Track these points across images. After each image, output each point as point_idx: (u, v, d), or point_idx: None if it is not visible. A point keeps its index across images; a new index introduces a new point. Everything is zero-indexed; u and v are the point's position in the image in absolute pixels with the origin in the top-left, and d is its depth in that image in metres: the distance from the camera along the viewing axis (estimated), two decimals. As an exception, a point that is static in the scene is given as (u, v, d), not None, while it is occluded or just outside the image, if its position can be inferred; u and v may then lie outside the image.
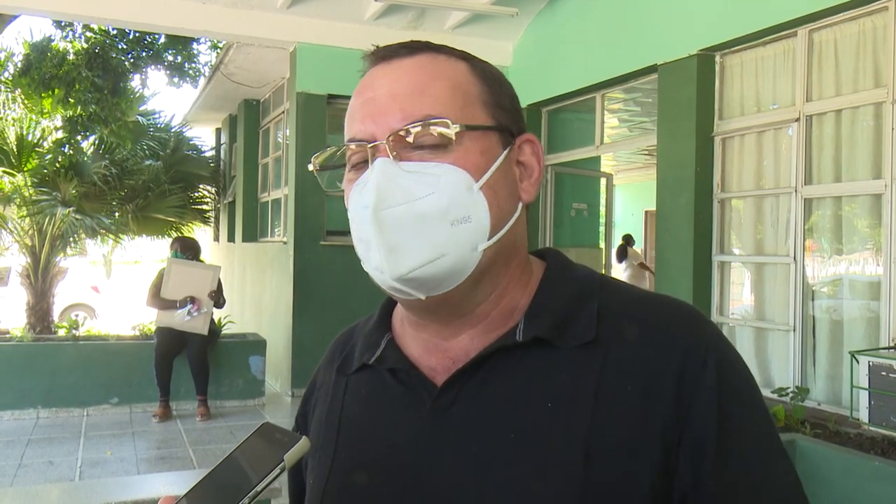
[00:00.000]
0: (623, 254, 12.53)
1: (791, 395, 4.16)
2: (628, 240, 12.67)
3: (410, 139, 0.76)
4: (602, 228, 8.36)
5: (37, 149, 9.24)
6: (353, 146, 0.79)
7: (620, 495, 0.72)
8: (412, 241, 0.74)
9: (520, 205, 0.82)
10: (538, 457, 0.73)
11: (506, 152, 0.80)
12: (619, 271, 12.45)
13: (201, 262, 7.07)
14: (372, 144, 0.76)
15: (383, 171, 0.75)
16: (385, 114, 0.77)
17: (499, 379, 0.78)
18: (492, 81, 0.82)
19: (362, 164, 0.78)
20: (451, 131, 0.75)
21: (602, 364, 0.76)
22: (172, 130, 11.64)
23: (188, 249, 6.91)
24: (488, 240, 0.76)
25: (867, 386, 3.81)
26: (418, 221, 0.74)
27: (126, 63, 10.18)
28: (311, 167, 0.84)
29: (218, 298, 6.64)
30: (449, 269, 0.75)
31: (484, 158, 0.77)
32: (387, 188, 0.74)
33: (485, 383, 0.78)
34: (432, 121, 0.75)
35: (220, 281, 6.77)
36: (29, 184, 8.81)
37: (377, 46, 0.84)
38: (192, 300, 6.48)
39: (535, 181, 0.83)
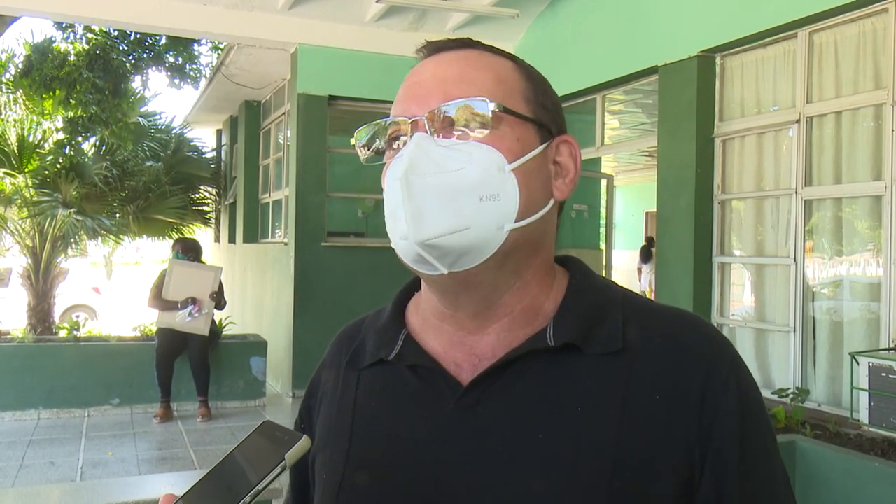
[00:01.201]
0: (647, 255, 12.73)
1: (791, 396, 4.17)
2: (651, 241, 12.85)
3: (449, 117, 0.78)
4: (602, 230, 8.36)
5: (38, 150, 9.25)
6: (394, 125, 0.81)
7: None
8: (439, 210, 0.75)
9: (552, 201, 0.83)
10: (565, 462, 0.74)
11: (542, 147, 0.82)
12: (632, 273, 12.53)
13: (203, 262, 7.07)
14: (412, 119, 0.79)
15: (418, 144, 0.77)
16: (428, 95, 0.80)
17: (526, 381, 0.78)
18: (536, 81, 0.85)
19: (401, 143, 0.80)
20: (490, 110, 0.77)
21: (629, 374, 0.77)
22: (173, 132, 11.65)
23: (189, 250, 6.91)
24: (515, 221, 0.78)
25: (867, 387, 3.81)
26: (447, 192, 0.76)
27: (127, 64, 10.19)
28: (352, 141, 0.85)
29: (219, 299, 6.64)
30: (472, 243, 0.76)
31: (519, 145, 0.79)
32: (420, 158, 0.76)
33: (512, 384, 0.79)
34: (472, 99, 0.78)
35: (221, 282, 6.78)
36: (30, 185, 8.83)
37: (429, 41, 0.86)
38: (194, 301, 6.48)
39: (571, 181, 0.85)
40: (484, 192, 0.76)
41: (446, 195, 0.75)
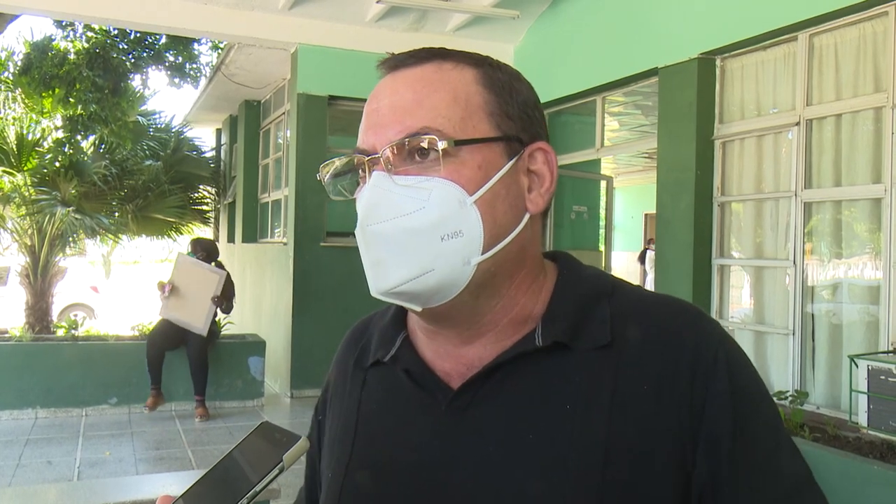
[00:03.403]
0: (643, 256, 13.06)
1: (790, 398, 4.16)
2: (650, 243, 13.13)
3: (404, 152, 0.76)
4: (602, 231, 8.36)
5: (37, 148, 9.23)
6: (356, 158, 0.80)
7: (640, 496, 0.73)
8: (397, 257, 0.75)
9: (526, 216, 0.80)
10: (558, 459, 0.74)
11: (511, 162, 0.79)
12: (635, 273, 12.68)
13: (221, 263, 7.04)
14: (369, 157, 0.78)
15: (375, 186, 0.76)
16: (385, 126, 0.78)
17: (516, 381, 0.78)
18: (500, 89, 0.80)
19: (364, 174, 0.80)
20: (440, 147, 0.75)
21: (617, 366, 0.77)
22: (173, 131, 11.64)
23: (201, 250, 6.91)
24: (482, 254, 0.76)
25: (866, 390, 3.81)
26: (406, 237, 0.75)
27: (127, 63, 10.17)
28: (318, 177, 0.85)
29: (221, 302, 6.60)
30: (438, 284, 0.75)
31: (481, 172, 0.77)
32: (376, 203, 0.76)
33: (502, 386, 0.79)
34: (421, 136, 0.75)
35: (232, 285, 6.77)
36: (29, 183, 8.81)
37: (391, 54, 0.83)
38: (163, 287, 6.55)
39: (546, 191, 0.82)
40: (445, 230, 0.74)
41: (405, 240, 0.75)
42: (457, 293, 0.76)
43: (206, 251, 6.92)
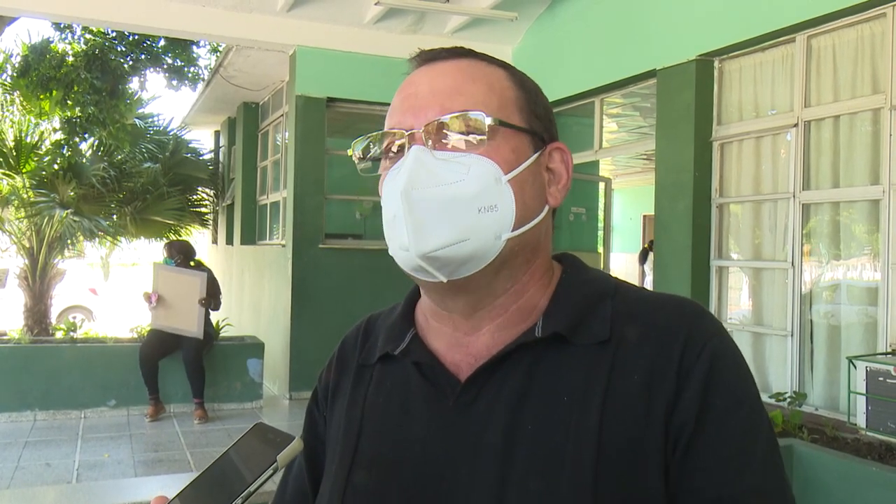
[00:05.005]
0: (644, 257, 13.19)
1: (789, 400, 4.17)
2: (651, 245, 13.31)
3: (446, 130, 0.80)
4: (600, 233, 8.36)
5: (35, 150, 9.24)
6: (391, 136, 0.83)
7: (633, 489, 0.74)
8: (438, 222, 0.78)
9: (546, 207, 0.86)
10: (556, 450, 0.76)
11: (536, 156, 0.84)
12: (634, 274, 12.69)
13: (200, 262, 7.03)
14: (410, 132, 0.80)
15: (416, 157, 0.79)
16: (425, 108, 0.81)
17: (518, 375, 0.80)
18: (528, 90, 0.87)
19: (397, 154, 0.82)
20: (486, 123, 0.79)
21: (612, 361, 0.79)
22: (171, 133, 11.63)
23: (177, 253, 6.87)
24: (512, 231, 0.80)
25: (864, 391, 3.81)
26: (447, 204, 0.78)
27: (125, 65, 10.17)
28: (349, 152, 0.87)
29: (209, 302, 6.60)
30: (471, 253, 0.78)
31: (514, 155, 0.82)
32: (419, 171, 0.78)
33: (505, 379, 0.81)
34: (469, 113, 0.79)
35: (216, 283, 6.76)
36: (27, 185, 8.81)
37: (422, 50, 0.88)
38: (149, 297, 6.55)
39: (563, 187, 0.88)
40: (482, 203, 0.78)
41: (446, 208, 0.78)
42: (483, 266, 0.80)
43: (182, 253, 6.88)
